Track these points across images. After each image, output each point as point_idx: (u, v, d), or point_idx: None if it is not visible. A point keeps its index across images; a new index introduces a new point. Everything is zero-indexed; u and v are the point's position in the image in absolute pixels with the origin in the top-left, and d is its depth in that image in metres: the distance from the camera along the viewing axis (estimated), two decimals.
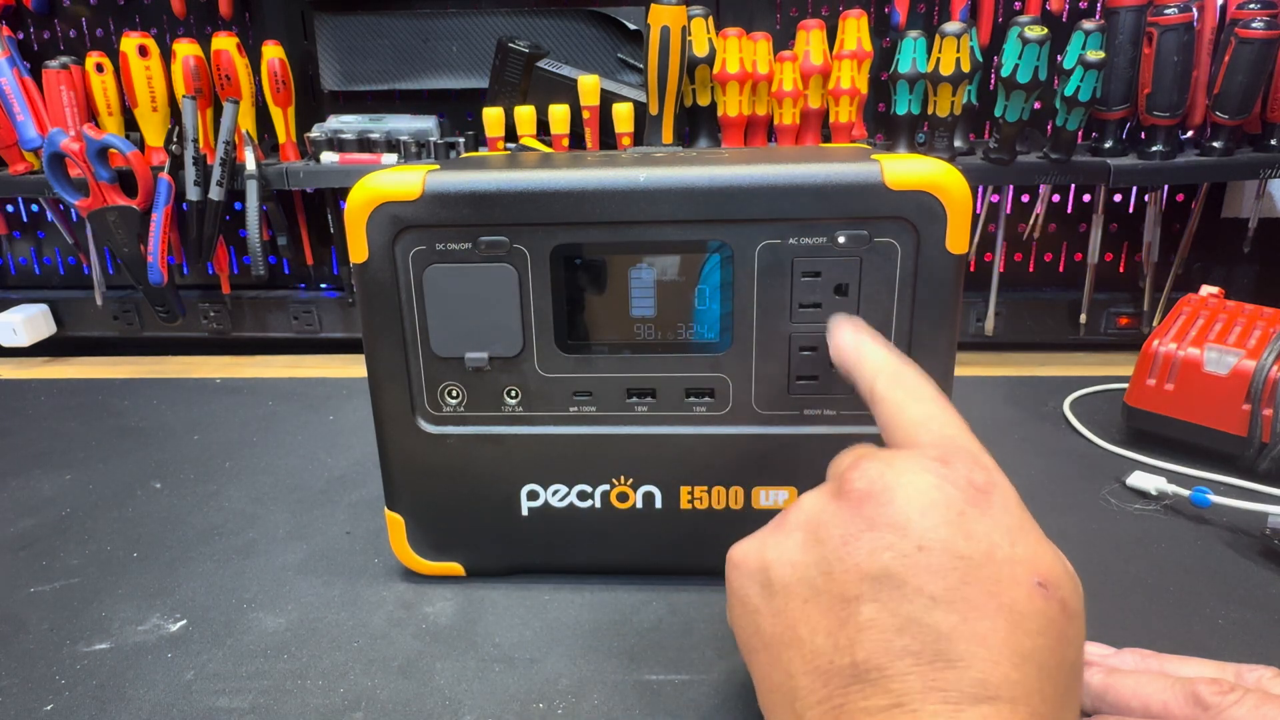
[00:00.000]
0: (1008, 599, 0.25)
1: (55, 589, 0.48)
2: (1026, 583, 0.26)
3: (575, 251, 0.41)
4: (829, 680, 0.26)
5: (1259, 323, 0.58)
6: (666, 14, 0.69)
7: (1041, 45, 0.66)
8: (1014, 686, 0.24)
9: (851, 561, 0.27)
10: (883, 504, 0.28)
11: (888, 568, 0.26)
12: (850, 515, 0.28)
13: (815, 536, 0.29)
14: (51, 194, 0.77)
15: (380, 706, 0.38)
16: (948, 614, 0.25)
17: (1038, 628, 0.25)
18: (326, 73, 0.82)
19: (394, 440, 0.44)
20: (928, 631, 0.25)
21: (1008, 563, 0.26)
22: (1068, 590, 0.27)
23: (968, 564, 0.26)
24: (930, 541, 0.26)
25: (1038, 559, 0.27)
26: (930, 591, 0.25)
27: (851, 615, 0.26)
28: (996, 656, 0.24)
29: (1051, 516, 0.52)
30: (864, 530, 0.27)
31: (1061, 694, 0.25)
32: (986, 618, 0.25)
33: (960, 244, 0.39)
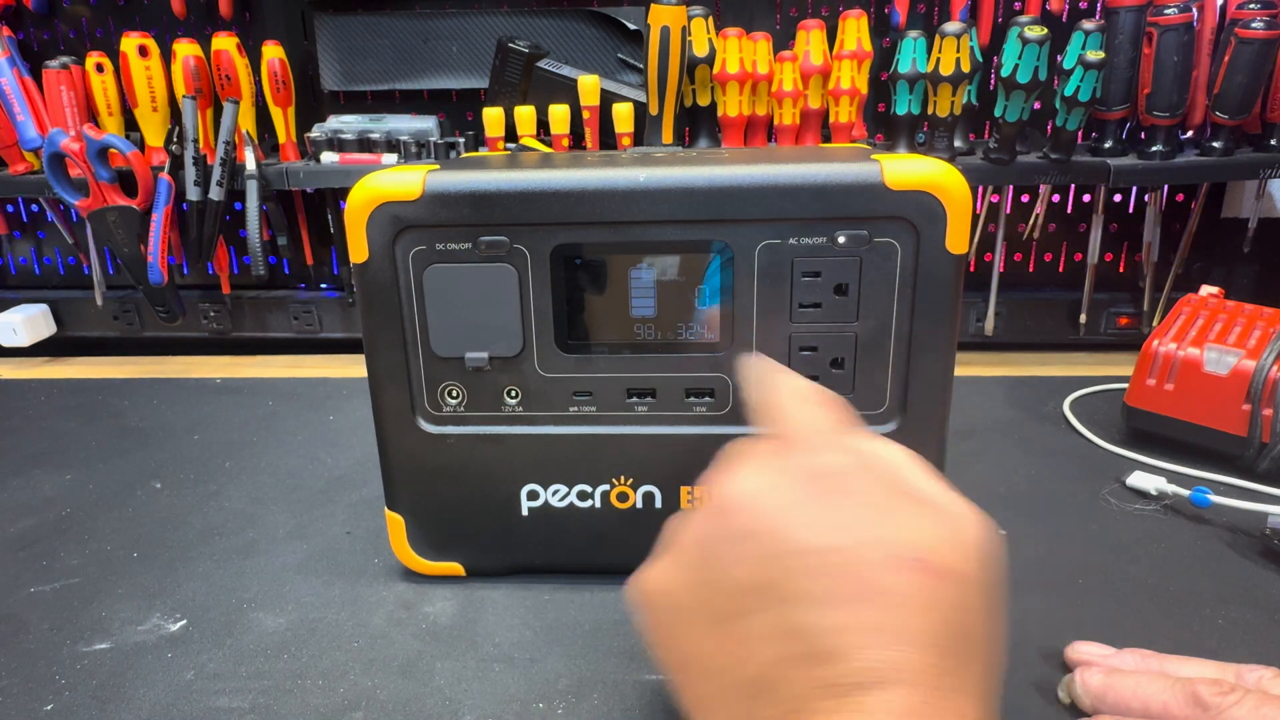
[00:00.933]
0: (879, 582, 0.25)
1: (55, 589, 0.48)
2: (895, 562, 0.25)
3: (575, 251, 0.41)
4: (734, 698, 0.26)
5: (1259, 323, 0.58)
6: (666, 14, 0.69)
7: (1041, 45, 0.66)
8: (902, 669, 0.24)
9: (730, 580, 0.27)
10: (748, 514, 0.27)
11: (762, 578, 0.26)
12: (725, 531, 0.28)
13: (699, 557, 0.29)
14: (51, 194, 0.77)
15: (380, 706, 0.38)
16: (824, 611, 0.25)
17: (913, 604, 0.25)
18: (326, 73, 0.82)
19: (394, 440, 0.45)
20: (806, 632, 0.25)
21: (875, 545, 0.26)
22: (954, 559, 0.26)
23: (835, 557, 0.25)
24: (797, 544, 0.26)
25: (911, 534, 0.26)
26: (804, 592, 0.25)
27: (740, 631, 0.26)
28: (879, 642, 0.24)
29: (1051, 517, 0.52)
30: (736, 544, 0.27)
31: (963, 664, 0.25)
32: (858, 606, 0.25)
33: (960, 244, 0.39)
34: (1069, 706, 0.37)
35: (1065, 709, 0.37)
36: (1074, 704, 0.36)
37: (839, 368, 0.42)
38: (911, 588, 0.25)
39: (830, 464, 0.28)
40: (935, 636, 0.24)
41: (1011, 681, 0.39)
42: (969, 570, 0.26)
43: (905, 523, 0.26)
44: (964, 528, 0.27)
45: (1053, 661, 0.40)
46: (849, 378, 0.42)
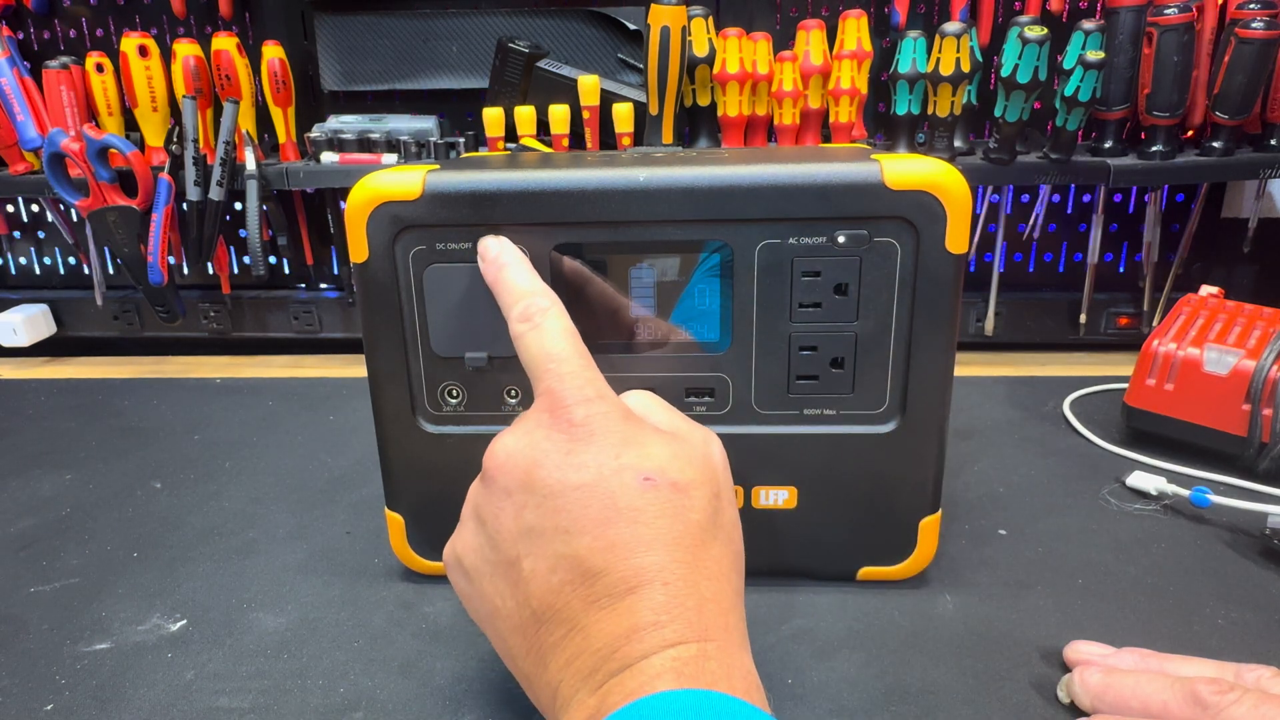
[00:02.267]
0: (623, 503, 0.30)
1: (55, 589, 0.48)
2: (634, 483, 0.30)
3: (575, 251, 0.41)
4: (524, 632, 0.31)
5: (1259, 323, 0.58)
6: (666, 14, 0.69)
7: (1041, 45, 0.66)
8: (645, 571, 0.29)
9: (504, 530, 0.31)
10: (509, 471, 0.32)
11: (528, 523, 0.31)
12: (491, 491, 0.32)
13: (478, 519, 0.33)
14: (51, 194, 0.77)
15: (380, 706, 0.38)
16: (580, 538, 0.29)
17: (655, 513, 0.30)
18: (326, 73, 0.82)
19: (394, 440, 0.45)
20: (571, 560, 0.29)
21: (615, 474, 0.30)
22: (675, 471, 0.31)
23: (585, 491, 0.30)
24: (551, 486, 0.30)
25: (641, 460, 0.31)
26: (563, 526, 0.30)
27: (518, 574, 0.31)
28: (628, 553, 0.29)
29: (1051, 517, 0.52)
30: (504, 500, 0.32)
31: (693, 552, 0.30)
32: (610, 526, 0.29)
33: (960, 244, 0.39)
34: (1068, 706, 0.37)
35: (1065, 708, 0.37)
36: (1073, 703, 0.37)
37: (839, 368, 0.42)
38: (646, 501, 0.30)
39: (579, 414, 0.32)
40: (675, 537, 0.30)
41: (1011, 681, 0.39)
42: (694, 477, 0.32)
43: (641, 451, 0.31)
44: (691, 445, 0.33)
45: (1052, 661, 0.40)
46: (849, 378, 0.42)
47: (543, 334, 0.35)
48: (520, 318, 0.36)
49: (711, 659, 0.27)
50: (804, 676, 0.39)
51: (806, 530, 0.45)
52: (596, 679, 0.27)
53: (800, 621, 0.43)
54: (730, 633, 0.29)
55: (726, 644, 0.28)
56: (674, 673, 0.26)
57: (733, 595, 0.31)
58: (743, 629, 0.30)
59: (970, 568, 0.47)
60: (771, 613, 0.44)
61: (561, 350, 0.34)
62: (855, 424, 0.43)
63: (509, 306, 0.37)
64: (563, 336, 0.35)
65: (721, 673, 0.27)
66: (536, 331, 0.35)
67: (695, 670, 0.27)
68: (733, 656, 0.28)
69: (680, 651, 0.27)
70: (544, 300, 0.36)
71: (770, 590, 0.45)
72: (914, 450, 0.43)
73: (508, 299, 0.37)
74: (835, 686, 0.39)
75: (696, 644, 0.27)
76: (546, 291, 0.36)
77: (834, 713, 0.37)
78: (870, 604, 0.44)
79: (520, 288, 0.37)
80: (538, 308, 0.35)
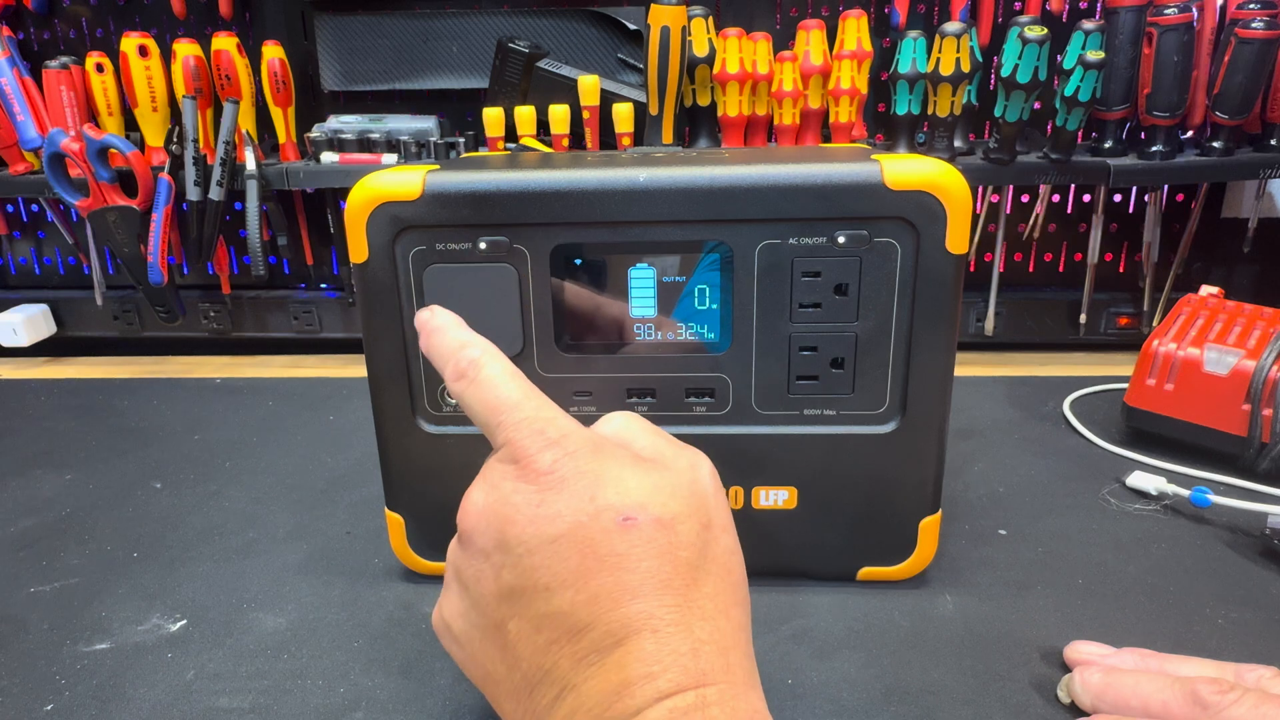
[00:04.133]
0: (604, 550, 0.28)
1: (55, 589, 0.48)
2: (613, 525, 0.28)
3: (575, 251, 0.41)
4: (518, 697, 0.29)
5: (1259, 323, 0.58)
6: (666, 14, 0.69)
7: (1041, 45, 0.66)
8: (633, 620, 0.27)
9: (486, 594, 0.30)
10: (483, 532, 0.30)
11: (508, 584, 0.29)
12: (469, 553, 0.31)
13: (461, 584, 0.31)
14: (51, 194, 0.77)
15: (380, 706, 0.38)
16: (563, 593, 0.28)
17: (638, 556, 0.28)
18: (326, 73, 0.82)
19: (394, 440, 0.45)
20: (555, 618, 0.28)
21: (593, 519, 0.28)
22: (656, 506, 0.29)
23: (562, 543, 0.28)
24: (526, 543, 0.29)
25: (618, 499, 0.29)
26: (544, 584, 0.28)
27: (505, 638, 0.29)
28: (613, 602, 0.27)
29: (1051, 517, 0.52)
30: (482, 563, 0.30)
31: (684, 592, 0.28)
32: (594, 577, 0.28)
33: (960, 244, 0.39)
34: (1069, 706, 0.37)
35: (1065, 708, 0.37)
36: (1074, 703, 0.37)
37: (839, 368, 0.42)
38: (631, 544, 0.28)
39: (545, 461, 0.30)
40: (662, 579, 0.28)
41: (1011, 681, 0.39)
42: (679, 509, 0.29)
43: (619, 487, 0.29)
44: (675, 472, 0.31)
45: (1052, 661, 0.40)
46: (849, 378, 0.42)
47: (481, 386, 0.33)
48: (455, 376, 0.33)
49: (713, 705, 0.26)
50: (804, 676, 0.39)
51: (806, 530, 0.45)
52: None
53: (800, 621, 0.43)
54: (733, 672, 0.27)
55: (729, 685, 0.27)
56: None
57: (733, 632, 0.29)
58: (749, 665, 0.29)
59: (970, 568, 0.47)
60: (771, 613, 0.44)
61: (507, 397, 0.32)
62: (855, 424, 0.43)
63: (442, 369, 0.34)
64: (505, 382, 0.32)
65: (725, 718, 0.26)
66: (475, 385, 0.33)
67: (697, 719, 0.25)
68: (737, 699, 0.27)
69: (677, 702, 0.26)
70: (474, 350, 0.34)
71: (770, 590, 0.45)
72: (914, 450, 0.43)
73: (439, 362, 0.35)
74: (835, 686, 0.39)
75: (694, 691, 0.26)
76: (475, 341, 0.34)
77: (834, 713, 0.37)
78: (870, 604, 0.44)
79: (449, 346, 0.34)
80: (468, 360, 0.33)
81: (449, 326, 0.36)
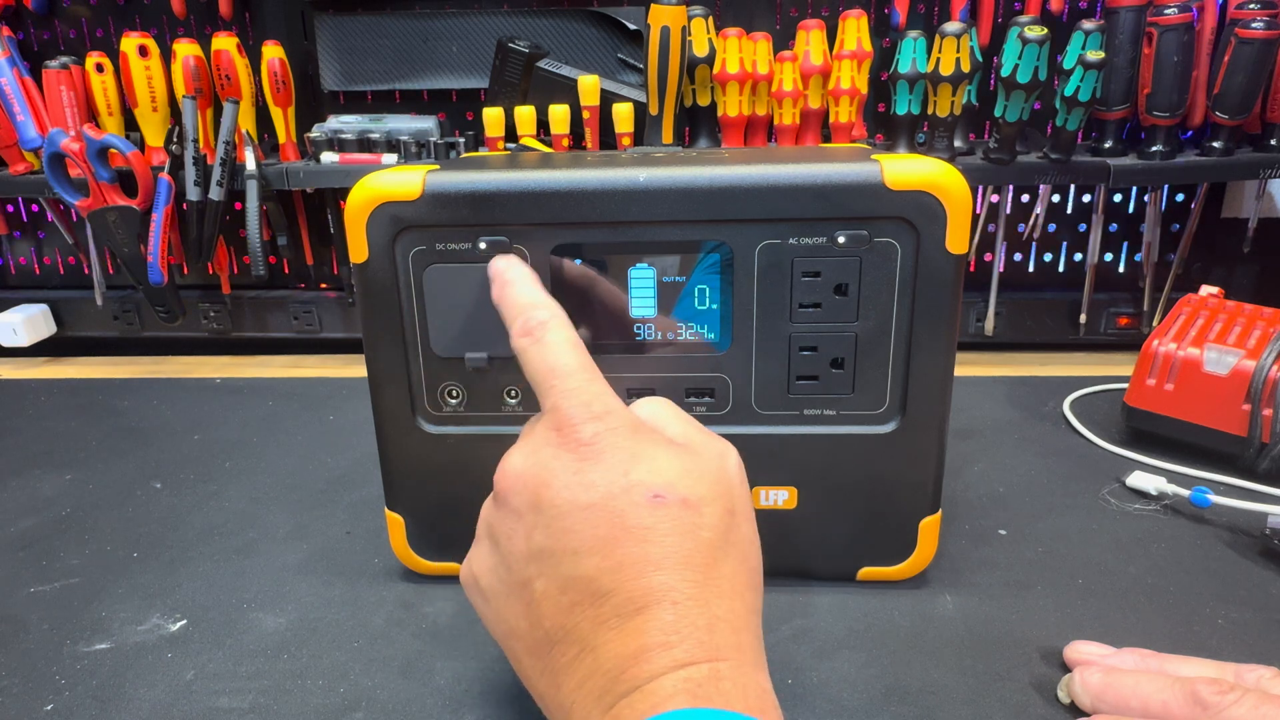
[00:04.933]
0: (632, 522, 0.29)
1: (55, 589, 0.48)
2: (643, 500, 0.30)
3: (575, 251, 0.41)
4: (538, 654, 0.30)
5: (1259, 323, 0.58)
6: (666, 14, 0.69)
7: (1041, 45, 0.66)
8: (655, 591, 0.28)
9: (516, 552, 0.31)
10: (519, 492, 0.31)
11: (538, 544, 0.30)
12: (503, 512, 0.32)
13: (492, 540, 0.33)
14: (51, 194, 0.77)
15: (380, 706, 0.38)
16: (590, 559, 0.29)
17: (664, 531, 0.29)
18: (326, 73, 0.82)
19: (394, 440, 0.45)
20: (581, 580, 0.29)
21: (624, 492, 0.30)
22: (685, 487, 0.30)
23: (594, 511, 0.30)
24: (560, 507, 0.30)
25: (650, 476, 0.30)
26: (573, 547, 0.29)
27: (531, 595, 0.30)
28: (637, 572, 0.28)
29: (1051, 517, 0.52)
30: (515, 522, 0.31)
31: (704, 570, 0.29)
32: (620, 546, 0.29)
33: (960, 244, 0.39)
34: (1069, 706, 0.37)
35: (1065, 708, 0.37)
36: (1073, 703, 0.37)
37: (839, 368, 0.42)
38: (659, 520, 0.29)
39: (587, 432, 0.31)
40: (685, 556, 0.29)
41: (1011, 681, 0.39)
42: (706, 493, 0.31)
43: (651, 467, 0.31)
44: (704, 459, 0.32)
45: (1052, 661, 0.40)
46: (849, 378, 0.42)
47: (544, 348, 0.34)
48: (521, 332, 0.35)
49: (725, 679, 0.27)
50: (804, 676, 0.39)
51: (806, 530, 0.45)
52: (607, 700, 0.27)
53: (800, 621, 0.43)
54: (744, 652, 0.28)
55: (740, 663, 0.28)
56: (687, 693, 0.26)
57: (746, 614, 0.30)
58: (758, 648, 0.30)
59: (970, 568, 0.47)
60: (771, 613, 0.44)
61: (565, 364, 0.33)
62: (855, 424, 0.43)
63: (510, 322, 0.36)
64: (566, 349, 0.33)
65: (736, 693, 0.26)
66: (538, 346, 0.34)
67: (709, 691, 0.26)
68: (747, 676, 0.28)
69: (692, 672, 0.27)
70: (544, 312, 0.35)
71: (770, 590, 0.45)
72: (914, 450, 0.43)
73: (509, 314, 0.36)
74: (835, 686, 0.39)
75: (708, 664, 0.27)
76: (548, 304, 0.35)
77: (834, 713, 0.37)
78: (870, 604, 0.44)
79: (521, 302, 0.36)
80: (537, 321, 0.34)
81: (522, 281, 0.37)
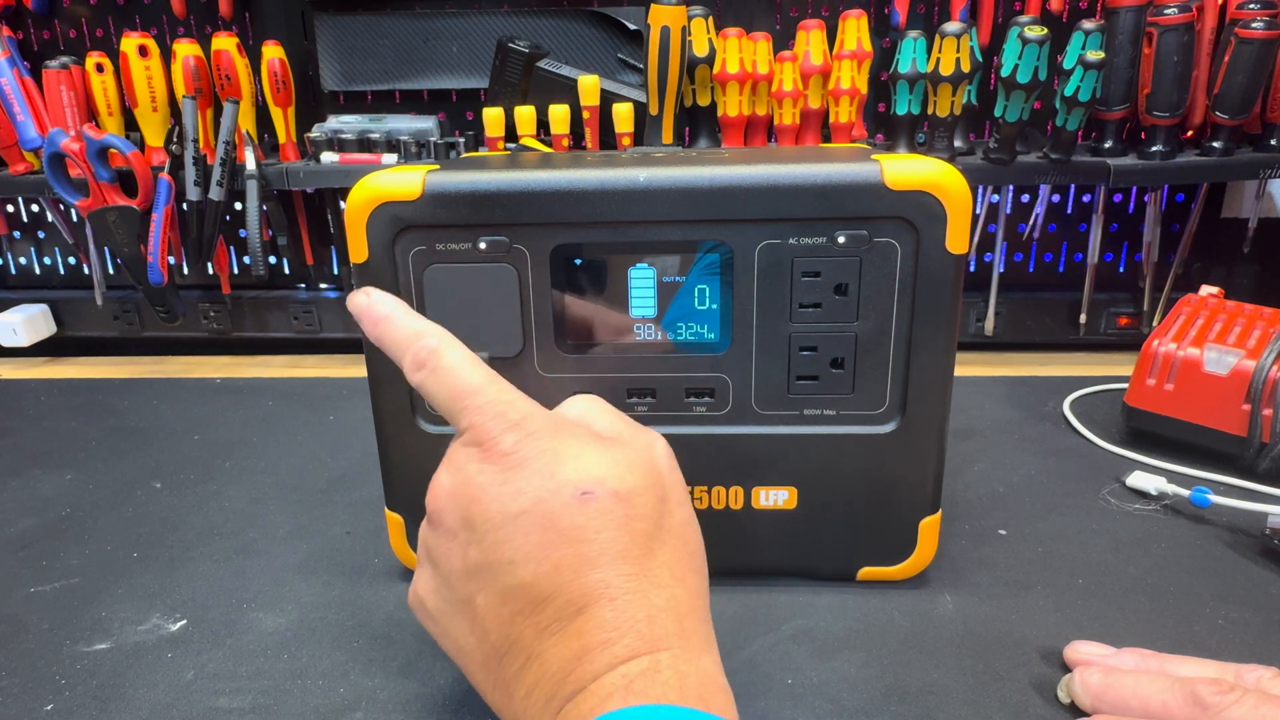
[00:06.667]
0: (565, 523, 0.29)
1: (55, 589, 0.48)
2: (573, 499, 0.30)
3: (575, 251, 0.41)
4: (488, 667, 0.30)
5: (1259, 323, 0.58)
6: (666, 14, 0.69)
7: (1041, 45, 0.66)
8: (592, 589, 0.28)
9: (455, 570, 0.31)
10: (450, 511, 0.31)
11: (474, 560, 0.30)
12: (437, 533, 0.32)
13: (432, 562, 0.33)
14: (51, 194, 0.77)
15: (380, 706, 0.38)
16: (526, 566, 0.29)
17: (597, 528, 0.29)
18: (326, 73, 0.82)
19: (394, 440, 0.44)
20: (519, 589, 0.29)
21: (553, 494, 0.30)
22: (614, 480, 0.30)
23: (525, 518, 0.30)
24: (491, 519, 0.30)
25: (577, 474, 0.30)
26: (508, 558, 0.29)
27: (474, 611, 0.31)
28: (574, 573, 0.29)
29: (1051, 516, 0.52)
30: (450, 541, 0.31)
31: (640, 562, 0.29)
32: (555, 549, 0.29)
33: (960, 244, 0.39)
34: (1068, 706, 0.37)
35: (1065, 708, 0.37)
36: (1073, 703, 0.37)
37: (839, 368, 0.42)
38: (590, 517, 0.29)
39: (508, 442, 0.31)
40: (620, 549, 0.29)
41: (1011, 681, 0.39)
42: (636, 483, 0.31)
43: (577, 465, 0.31)
44: (632, 449, 0.32)
45: (1052, 661, 0.40)
46: (849, 378, 0.42)
47: (442, 375, 0.33)
48: (414, 365, 0.34)
49: (664, 669, 0.27)
50: (804, 676, 0.39)
51: (806, 530, 0.45)
52: (554, 705, 0.27)
53: (800, 621, 0.43)
54: (688, 638, 0.29)
55: (683, 650, 0.28)
56: (624, 690, 0.26)
57: (689, 599, 0.30)
58: (705, 631, 0.30)
59: (970, 568, 0.47)
60: (771, 613, 0.44)
61: (469, 383, 0.33)
62: (855, 424, 0.43)
63: (399, 358, 0.35)
64: (465, 369, 0.33)
65: (674, 682, 0.27)
66: (436, 374, 0.33)
67: (645, 685, 0.26)
68: (688, 663, 0.28)
69: (630, 668, 0.27)
70: (432, 339, 0.34)
71: (770, 590, 0.45)
72: (914, 450, 0.43)
73: (395, 351, 0.35)
74: (835, 686, 0.39)
75: (648, 656, 0.27)
76: (431, 330, 0.34)
77: (834, 713, 0.37)
78: (870, 604, 0.44)
79: (402, 335, 0.35)
80: (427, 350, 0.34)
81: (397, 314, 0.36)
